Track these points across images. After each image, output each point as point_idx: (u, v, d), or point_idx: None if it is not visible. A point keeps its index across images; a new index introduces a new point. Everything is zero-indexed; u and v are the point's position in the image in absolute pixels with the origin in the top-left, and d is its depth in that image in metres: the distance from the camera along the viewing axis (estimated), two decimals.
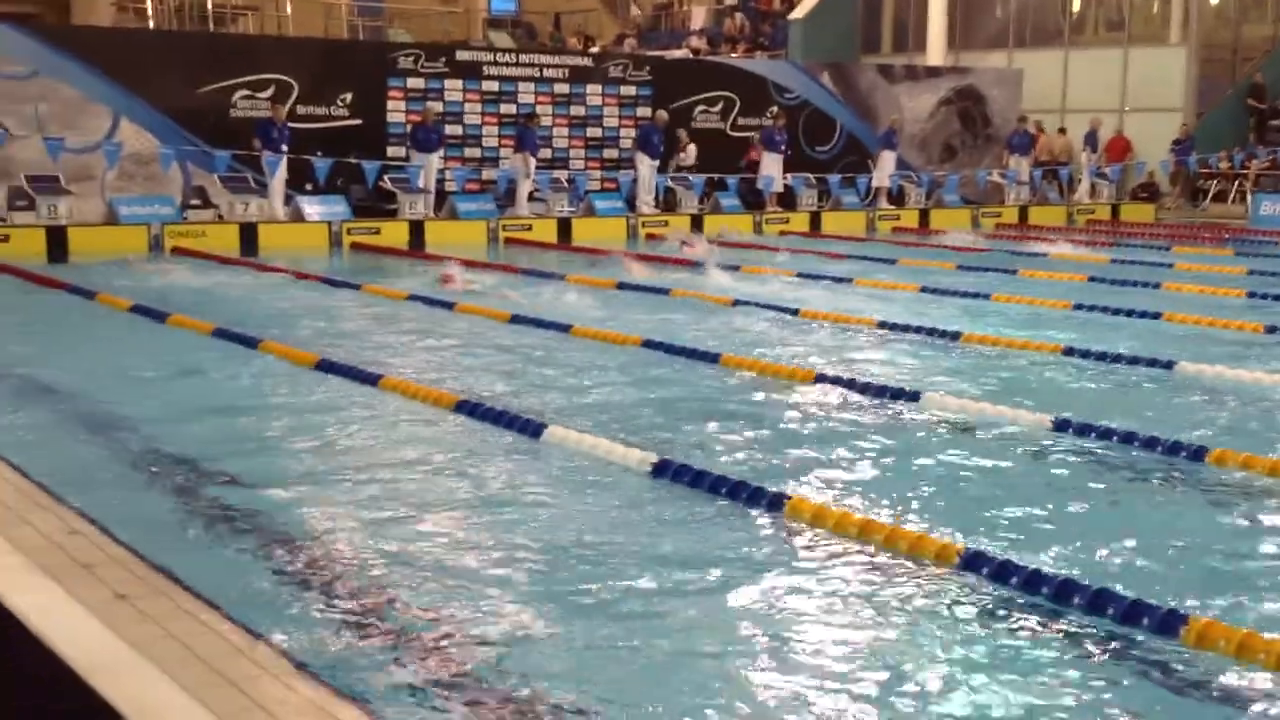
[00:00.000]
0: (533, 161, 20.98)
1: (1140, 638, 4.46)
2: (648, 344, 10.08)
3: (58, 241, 17.07)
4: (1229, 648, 4.29)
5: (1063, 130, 28.14)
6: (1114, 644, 4.44)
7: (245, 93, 19.94)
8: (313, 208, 19.38)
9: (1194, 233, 22.29)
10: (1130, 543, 5.57)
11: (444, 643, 4.38)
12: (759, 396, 8.53)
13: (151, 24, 28.15)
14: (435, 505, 5.98)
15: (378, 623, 4.55)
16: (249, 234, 18.40)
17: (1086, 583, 4.80)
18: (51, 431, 7.50)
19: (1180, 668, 4.27)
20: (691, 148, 22.89)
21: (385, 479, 6.40)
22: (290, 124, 19.48)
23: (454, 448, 7.03)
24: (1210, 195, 27.49)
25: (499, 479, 6.44)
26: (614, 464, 6.62)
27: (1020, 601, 4.79)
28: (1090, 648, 4.43)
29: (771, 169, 23.20)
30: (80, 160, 18.51)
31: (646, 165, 21.98)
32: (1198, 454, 6.82)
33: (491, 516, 5.82)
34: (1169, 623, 4.46)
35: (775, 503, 5.87)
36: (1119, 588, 4.76)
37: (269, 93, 19.97)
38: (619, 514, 5.89)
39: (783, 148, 23.33)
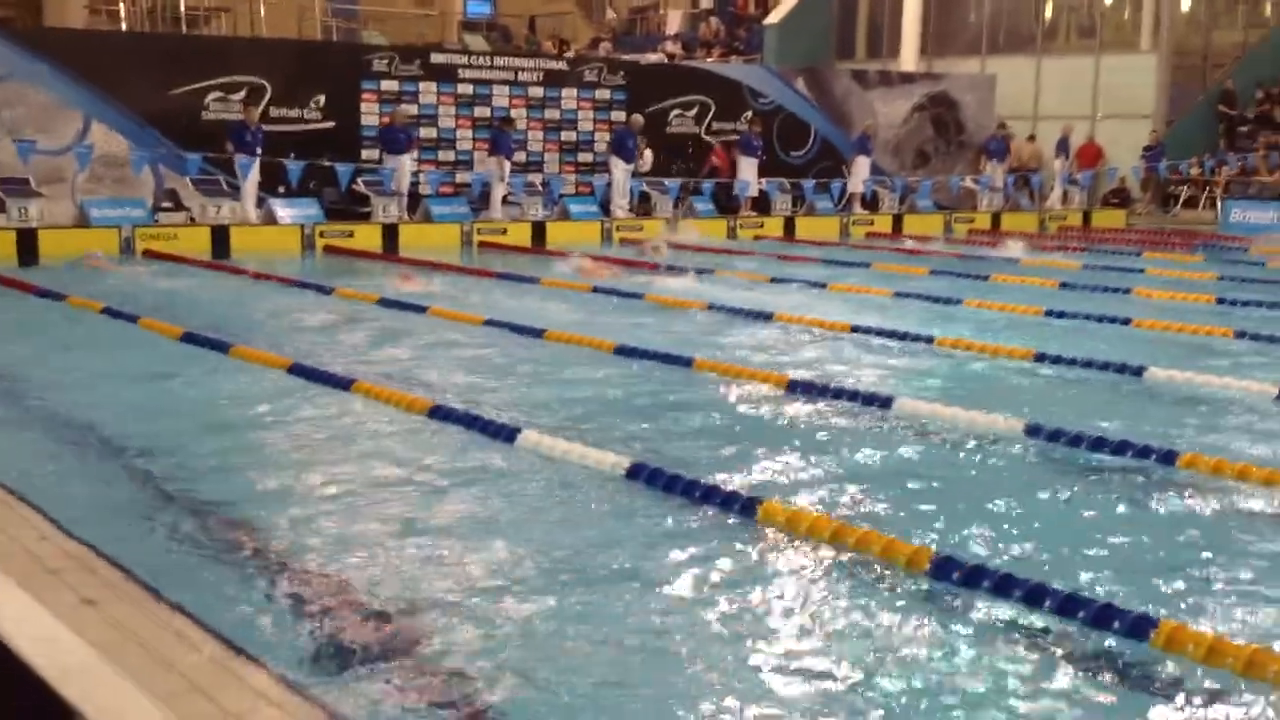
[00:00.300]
0: (507, 165, 20.95)
1: (1111, 641, 4.48)
2: (621, 349, 10.07)
3: (28, 244, 16.93)
4: (1198, 652, 4.31)
5: (1032, 137, 28.27)
6: (1085, 647, 4.47)
7: (218, 95, 19.84)
8: (285, 210, 19.31)
9: (1164, 239, 22.44)
10: (1101, 547, 5.61)
11: (417, 649, 4.37)
12: (732, 401, 8.54)
13: (124, 26, 27.97)
14: (408, 511, 5.96)
15: (349, 629, 4.53)
16: (221, 237, 18.31)
17: (1057, 587, 4.83)
18: (19, 435, 7.45)
19: (1150, 671, 4.29)
20: (648, 153, 22.75)
21: (357, 484, 6.37)
22: (263, 126, 19.39)
23: (427, 453, 7.01)
24: (1181, 201, 27.67)
25: (473, 484, 6.42)
26: (588, 468, 6.61)
27: (992, 605, 4.81)
28: (1061, 651, 4.45)
29: (747, 174, 23.26)
30: (51, 162, 18.37)
31: (621, 169, 21.99)
32: (1168, 458, 6.85)
33: (465, 521, 5.81)
34: (1139, 626, 4.48)
35: (748, 507, 5.87)
36: (1090, 591, 4.78)
37: (241, 95, 19.87)
38: (593, 518, 5.88)
39: (759, 153, 23.40)
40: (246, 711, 3.50)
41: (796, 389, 8.72)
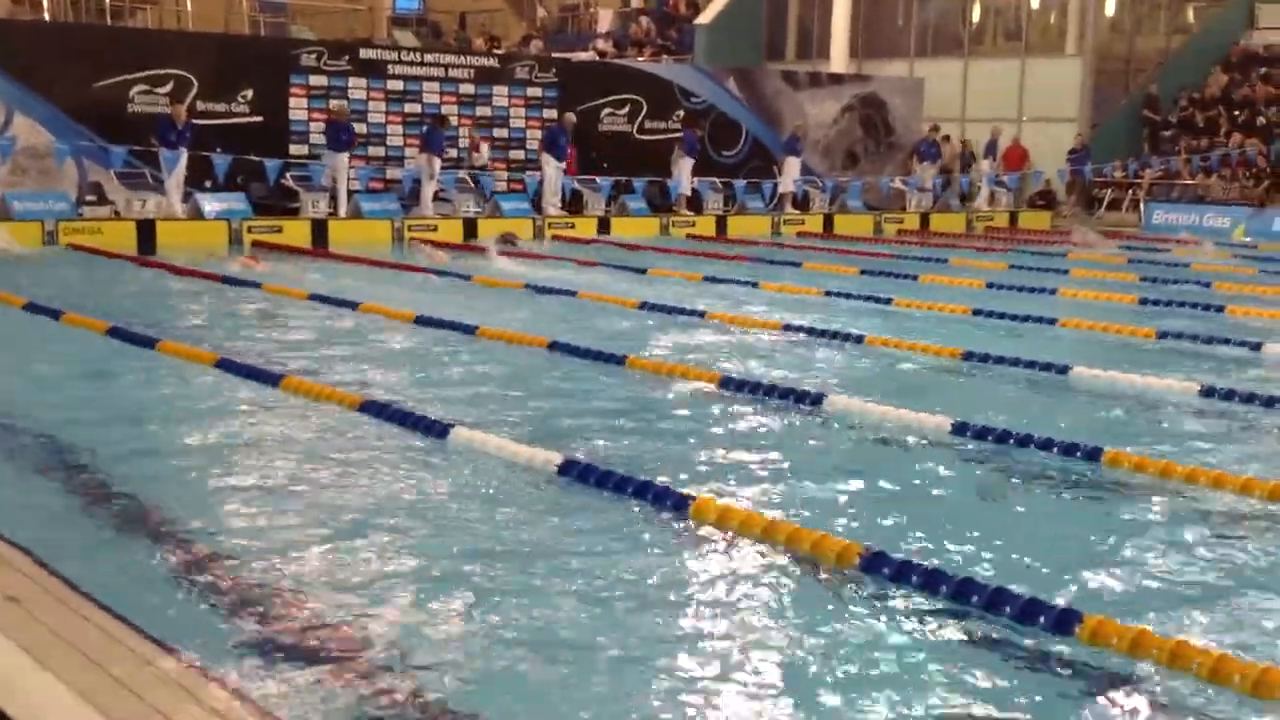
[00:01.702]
0: (437, 162, 20.84)
1: (1036, 636, 4.55)
2: (554, 345, 10.06)
3: None
4: (1122, 645, 4.39)
5: (947, 138, 28.51)
6: (1010, 641, 4.53)
7: (143, 88, 19.57)
8: (212, 205, 19.07)
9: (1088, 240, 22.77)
10: (1027, 542, 5.69)
11: (345, 645, 4.34)
12: (664, 398, 8.56)
13: (47, 16, 27.49)
14: (339, 506, 5.91)
15: (278, 626, 4.49)
16: (147, 231, 18.06)
17: (984, 582, 4.89)
18: None
19: (1074, 664, 4.36)
20: (485, 146, 22.31)
21: (287, 480, 6.32)
22: (191, 120, 19.14)
23: (358, 449, 6.96)
24: (1105, 204, 28.12)
25: (404, 480, 6.39)
26: (519, 464, 6.60)
27: (920, 600, 4.86)
28: (988, 645, 4.51)
29: (684, 173, 23.35)
30: None
31: (553, 167, 21.96)
32: (1092, 455, 6.97)
33: (396, 517, 5.77)
34: (1064, 621, 4.55)
35: (680, 503, 5.89)
36: (1016, 586, 4.84)
37: (168, 88, 19.62)
38: (524, 514, 5.87)
39: (697, 153, 23.53)
40: (173, 708, 3.47)
41: (729, 386, 8.76)
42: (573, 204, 22.60)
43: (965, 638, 4.58)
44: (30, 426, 7.29)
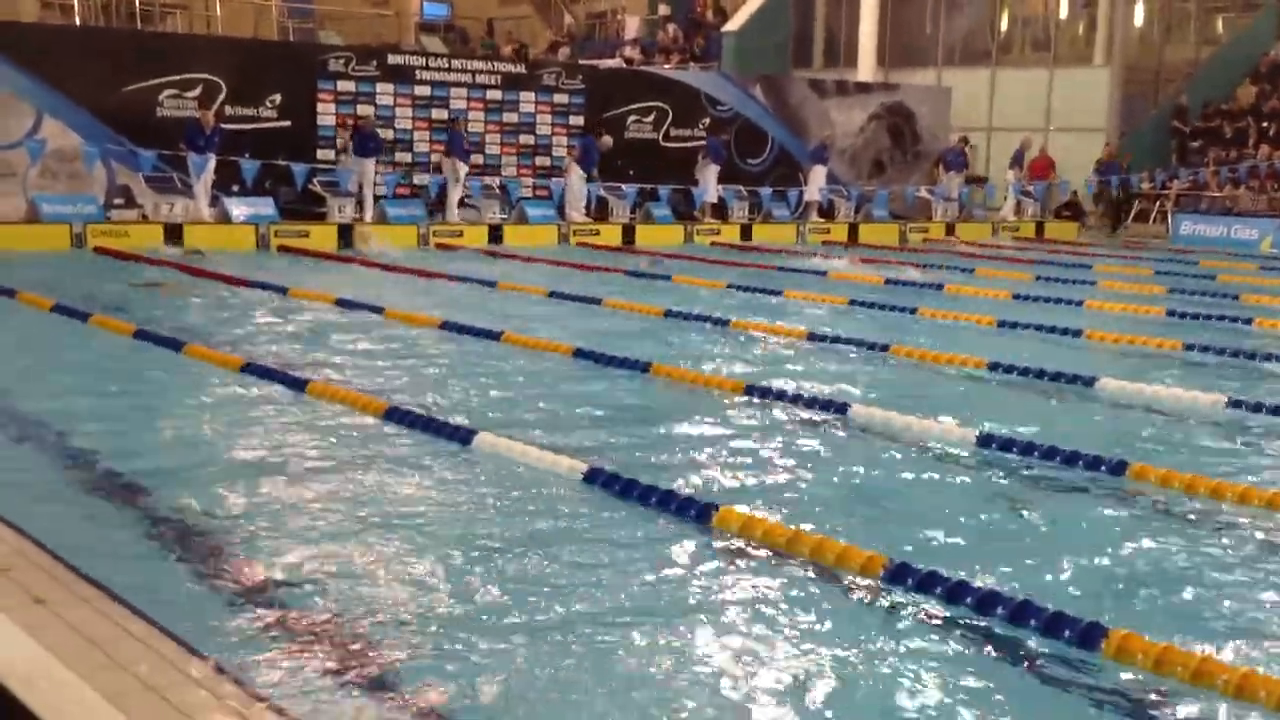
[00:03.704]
0: (463, 168, 20.89)
1: (1061, 650, 4.52)
2: (579, 353, 10.07)
3: None
4: (1147, 661, 4.36)
5: (972, 146, 28.38)
6: (1036, 655, 4.51)
7: (172, 92, 19.69)
8: (240, 209, 19.17)
9: (1116, 252, 22.68)
10: (1052, 555, 5.66)
11: (369, 650, 4.35)
12: (689, 406, 8.55)
13: (78, 20, 27.67)
14: (363, 511, 5.92)
15: (302, 629, 4.50)
16: (174, 234, 18.16)
17: (1010, 595, 4.87)
18: None
19: (1100, 679, 4.34)
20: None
21: (312, 486, 6.33)
22: (220, 125, 19.24)
23: (383, 454, 6.97)
24: (1132, 215, 27.99)
25: (428, 486, 6.40)
26: (544, 471, 6.61)
27: (945, 613, 4.84)
28: (1012, 659, 4.49)
29: (710, 180, 23.36)
30: (2, 157, 18.18)
31: (577, 175, 22.00)
32: (1118, 469, 6.93)
33: (420, 523, 5.78)
34: (1089, 635, 4.53)
35: (704, 513, 5.88)
36: (1041, 600, 4.82)
37: (196, 92, 19.73)
38: (548, 521, 5.87)
39: (723, 160, 23.55)
40: (196, 710, 3.48)
41: (753, 394, 8.75)
42: (598, 211, 22.62)
43: (989, 651, 4.56)
44: (55, 428, 7.33)
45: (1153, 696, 4.22)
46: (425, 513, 5.94)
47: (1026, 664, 4.45)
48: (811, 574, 5.26)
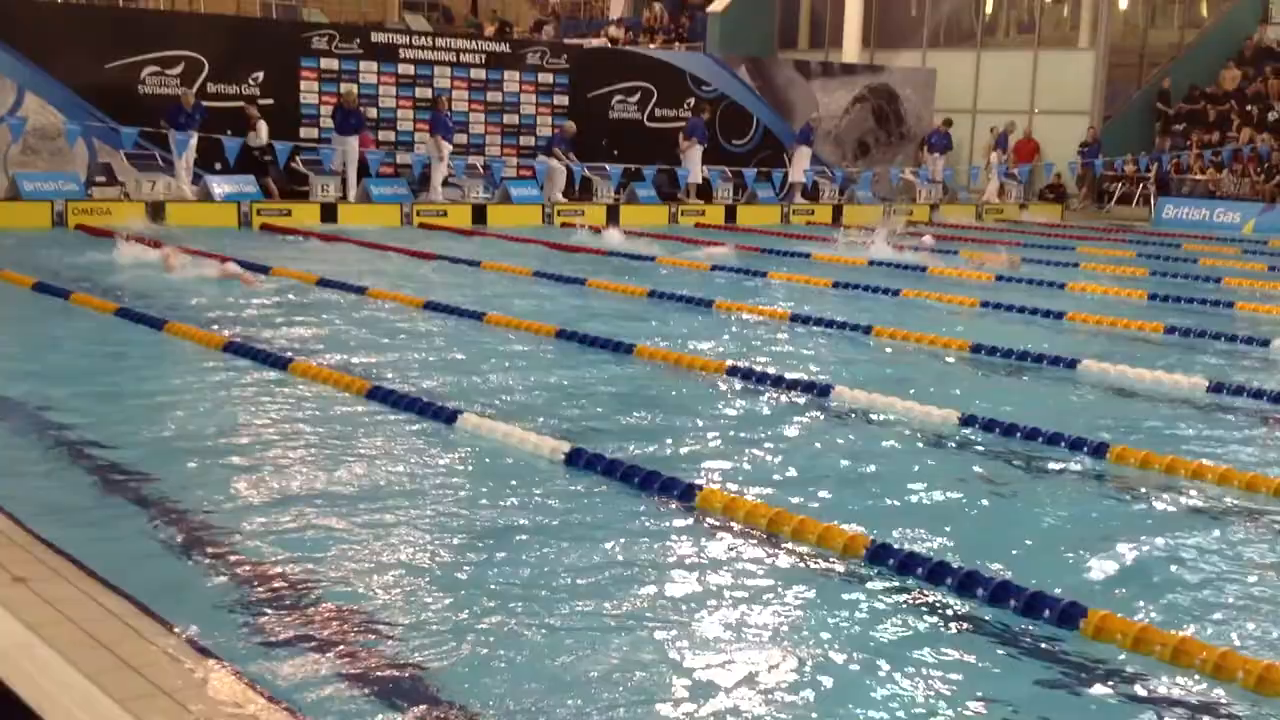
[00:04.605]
0: (446, 146, 20.81)
1: (1039, 630, 4.55)
2: (562, 333, 10.07)
3: None
4: (1125, 641, 4.39)
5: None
6: (1015, 635, 4.53)
7: (154, 69, 19.57)
8: (222, 187, 19.09)
9: (1099, 234, 22.73)
10: (1032, 536, 5.69)
11: (347, 626, 4.35)
12: (672, 387, 8.56)
13: None
14: (344, 491, 5.92)
15: (282, 606, 4.49)
16: (156, 212, 18.07)
17: (989, 575, 4.89)
18: None
19: (1077, 659, 4.36)
20: (262, 124, 20.00)
21: (294, 465, 6.33)
22: (202, 103, 19.13)
23: (366, 434, 6.97)
24: (1115, 197, 28.05)
25: (411, 466, 6.40)
26: (527, 452, 6.61)
27: (925, 592, 4.87)
28: (992, 639, 4.51)
29: (693, 160, 23.32)
30: None
31: (557, 162, 22.00)
32: (1098, 450, 6.96)
33: (401, 502, 5.78)
34: (1069, 615, 4.55)
35: (687, 493, 5.90)
36: (1021, 580, 4.84)
37: (178, 70, 19.62)
38: (531, 502, 5.87)
39: (705, 140, 23.50)
40: (177, 688, 3.48)
41: (736, 375, 8.76)
42: (582, 192, 22.59)
43: (969, 630, 4.58)
44: (35, 406, 7.30)
45: (1130, 676, 4.25)
46: (406, 492, 5.94)
47: (1005, 643, 4.47)
48: (794, 554, 5.28)
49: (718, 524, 5.62)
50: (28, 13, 19.90)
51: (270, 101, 20.50)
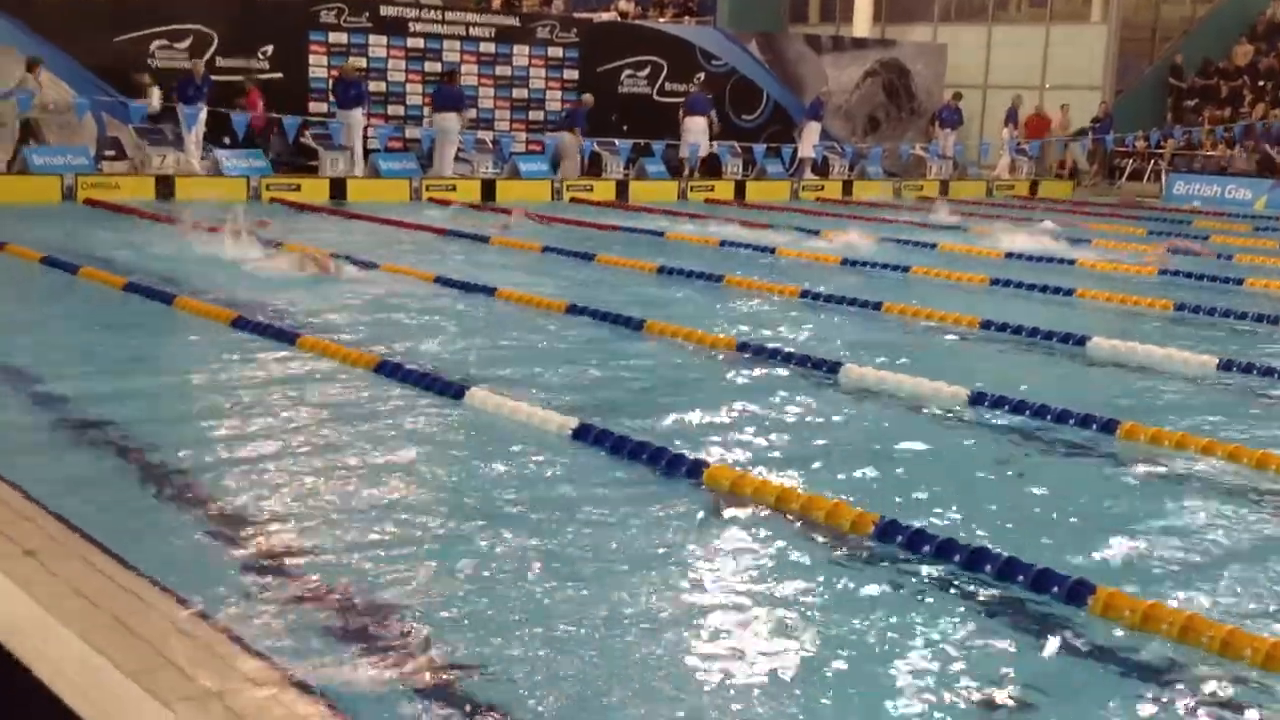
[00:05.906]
0: (452, 118, 20.63)
1: (1048, 606, 4.55)
2: (572, 309, 10.06)
3: None
4: (1134, 618, 4.39)
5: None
6: (1023, 611, 4.53)
7: (163, 43, 19.55)
8: (231, 161, 19.08)
9: (1110, 210, 22.64)
10: (1041, 513, 5.68)
11: (356, 600, 4.36)
12: (681, 363, 8.55)
13: None
14: (353, 465, 5.93)
15: (290, 579, 4.51)
16: (165, 186, 18.08)
17: (997, 551, 4.89)
18: None
19: (1086, 636, 4.36)
20: (155, 91, 19.30)
21: (302, 439, 6.33)
22: (211, 76, 19.11)
23: (374, 409, 6.97)
24: (1126, 174, 27.93)
25: (419, 441, 6.40)
26: (534, 427, 6.61)
27: (932, 570, 4.87)
28: (1000, 615, 4.51)
29: (696, 134, 23.22)
30: None
31: (568, 137, 21.93)
32: (1108, 427, 6.94)
33: (408, 477, 5.79)
34: (1077, 592, 4.55)
35: (694, 469, 5.89)
36: (1029, 557, 4.84)
37: (187, 43, 19.59)
38: (538, 477, 5.88)
39: (708, 112, 23.35)
40: (187, 659, 3.49)
41: (745, 352, 8.75)
42: (592, 167, 22.54)
43: (977, 607, 4.58)
44: (45, 380, 7.31)
45: (1139, 653, 4.25)
46: (414, 467, 5.95)
47: (1013, 620, 4.47)
48: (801, 531, 5.28)
49: (724, 500, 5.61)
50: None
51: (279, 75, 20.47)
